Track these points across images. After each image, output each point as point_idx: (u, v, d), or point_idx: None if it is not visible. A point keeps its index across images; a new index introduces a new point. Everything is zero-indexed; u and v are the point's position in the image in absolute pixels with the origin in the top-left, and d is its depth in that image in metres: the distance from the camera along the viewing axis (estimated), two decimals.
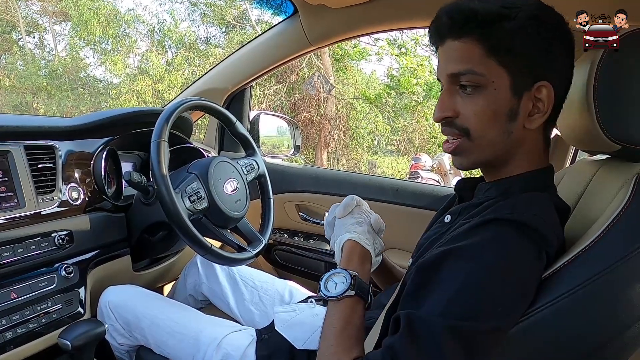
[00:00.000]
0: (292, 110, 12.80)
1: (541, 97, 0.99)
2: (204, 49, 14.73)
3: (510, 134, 1.01)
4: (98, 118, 1.80)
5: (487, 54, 0.97)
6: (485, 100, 0.99)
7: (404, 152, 14.29)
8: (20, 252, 1.44)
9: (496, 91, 0.98)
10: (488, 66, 0.98)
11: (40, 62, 16.11)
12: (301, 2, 2.03)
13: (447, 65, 1.03)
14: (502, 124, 1.01)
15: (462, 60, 1.00)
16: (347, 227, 1.28)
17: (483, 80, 0.98)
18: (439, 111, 1.04)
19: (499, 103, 0.99)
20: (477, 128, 1.01)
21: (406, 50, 12.59)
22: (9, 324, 1.39)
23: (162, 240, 1.85)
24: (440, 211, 1.31)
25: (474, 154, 1.05)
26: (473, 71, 0.98)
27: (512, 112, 1.00)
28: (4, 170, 1.46)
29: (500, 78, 0.98)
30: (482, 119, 1.00)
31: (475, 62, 0.98)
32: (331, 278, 1.12)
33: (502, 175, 1.08)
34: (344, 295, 1.08)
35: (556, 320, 0.88)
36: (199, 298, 1.97)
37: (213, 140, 2.63)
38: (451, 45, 1.01)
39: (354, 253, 1.21)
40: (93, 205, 1.71)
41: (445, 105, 1.03)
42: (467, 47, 0.99)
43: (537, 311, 0.89)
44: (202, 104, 1.75)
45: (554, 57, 0.99)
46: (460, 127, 1.03)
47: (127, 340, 1.65)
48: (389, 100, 13.38)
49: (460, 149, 1.05)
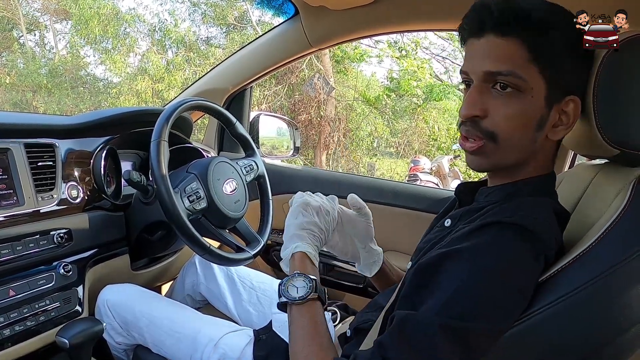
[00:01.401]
0: (291, 111, 12.79)
1: (568, 110, 1.00)
2: (205, 49, 14.71)
3: (534, 143, 1.01)
4: (98, 117, 1.81)
5: (530, 59, 0.96)
6: (520, 105, 0.97)
7: (403, 155, 14.28)
8: (19, 249, 1.44)
9: (533, 98, 0.97)
10: (530, 72, 0.96)
11: (40, 60, 16.08)
12: (302, 3, 2.03)
13: (485, 62, 0.99)
14: (530, 132, 1.00)
15: (505, 59, 0.96)
16: (296, 235, 1.28)
17: (523, 85, 0.96)
18: (467, 107, 1.01)
19: (532, 110, 0.98)
20: (505, 132, 0.99)
21: (407, 52, 12.58)
22: (7, 322, 1.39)
23: (160, 239, 1.85)
24: (440, 214, 1.31)
25: (496, 157, 1.03)
26: (516, 73, 0.96)
27: (541, 121, 0.99)
28: (3, 168, 1.46)
29: (538, 86, 0.97)
30: (512, 124, 0.98)
31: (519, 64, 0.96)
32: (291, 283, 1.13)
33: (509, 180, 1.08)
34: (308, 297, 1.10)
35: (554, 323, 0.88)
36: (197, 298, 1.97)
37: (213, 140, 2.63)
38: (493, 41, 0.97)
39: (305, 261, 1.21)
40: (92, 204, 1.71)
41: (475, 103, 1.00)
42: (512, 47, 0.96)
43: (535, 314, 0.90)
44: (202, 104, 1.76)
45: (584, 72, 0.99)
46: (486, 130, 1.00)
47: (125, 339, 1.65)
48: (389, 102, 13.37)
49: (482, 150, 1.03)
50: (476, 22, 0.99)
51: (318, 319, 1.09)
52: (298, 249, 1.22)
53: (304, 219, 1.30)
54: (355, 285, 2.23)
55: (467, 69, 1.03)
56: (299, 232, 1.27)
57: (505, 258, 0.90)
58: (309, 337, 1.06)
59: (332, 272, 2.29)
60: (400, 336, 0.90)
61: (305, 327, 1.08)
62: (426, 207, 2.14)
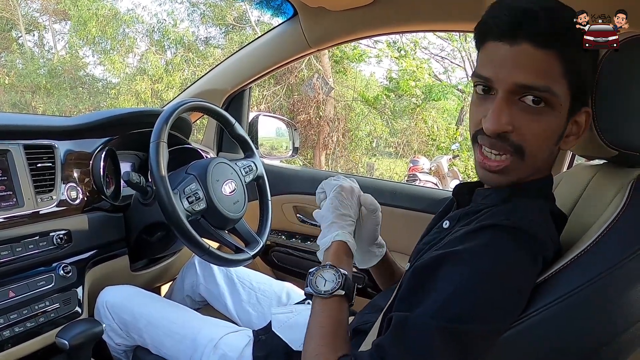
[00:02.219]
0: (290, 111, 12.78)
1: (580, 120, 0.99)
2: (204, 49, 14.70)
3: (552, 154, 1.02)
4: (97, 118, 1.81)
5: (563, 73, 0.92)
6: (549, 122, 0.95)
7: (402, 155, 14.28)
8: (18, 251, 1.44)
9: (560, 114, 0.95)
10: (562, 87, 0.93)
11: (39, 61, 16.08)
12: (301, 4, 2.03)
13: (518, 72, 0.92)
14: (553, 146, 1.00)
15: (542, 73, 0.91)
16: (335, 223, 1.24)
17: (556, 101, 0.93)
18: (497, 123, 0.94)
19: (558, 126, 0.97)
20: (532, 147, 0.96)
21: (405, 52, 12.58)
22: (6, 323, 1.39)
23: (160, 240, 1.86)
24: (438, 216, 1.30)
25: (519, 173, 1.00)
26: (551, 90, 0.92)
27: (562, 134, 0.99)
28: (3, 169, 1.46)
29: (566, 101, 0.95)
30: (540, 140, 0.96)
31: (554, 80, 0.92)
32: (320, 274, 1.10)
33: (507, 183, 1.06)
34: (334, 293, 1.07)
35: (552, 324, 0.89)
36: (196, 299, 1.97)
37: (212, 141, 2.63)
38: (529, 51, 0.91)
39: (341, 252, 1.18)
40: (91, 205, 1.71)
41: (505, 118, 0.94)
42: (550, 62, 0.91)
43: (534, 315, 0.90)
44: (202, 105, 1.76)
45: (593, 81, 0.99)
46: (515, 144, 0.96)
47: (125, 340, 1.65)
48: (388, 102, 13.37)
49: (507, 168, 0.99)
50: (512, 26, 0.92)
51: (339, 317, 1.07)
52: (338, 237, 1.20)
53: (341, 206, 1.27)
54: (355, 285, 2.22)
55: (491, 76, 0.95)
56: (338, 221, 1.25)
57: (502, 260, 0.90)
58: (325, 335, 1.03)
59: None
60: (398, 338, 0.89)
61: (324, 325, 1.05)
62: (425, 207, 2.14)
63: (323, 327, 1.04)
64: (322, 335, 1.03)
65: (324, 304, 1.08)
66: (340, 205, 1.27)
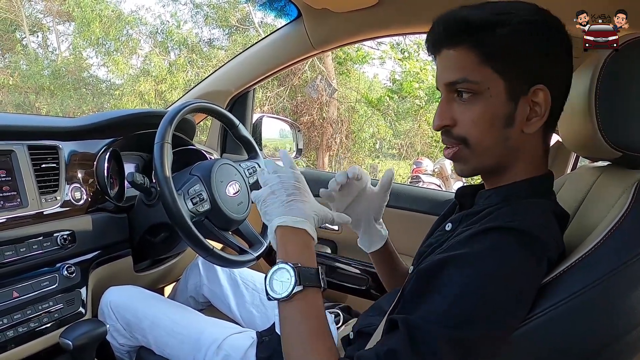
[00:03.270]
0: (294, 113, 12.81)
1: (538, 100, 0.99)
2: (207, 50, 14.74)
3: (508, 140, 1.02)
4: (102, 119, 1.81)
5: (481, 61, 0.98)
6: (482, 107, 1.00)
7: (406, 156, 14.30)
8: (22, 251, 1.45)
9: (492, 97, 0.99)
10: (482, 73, 0.98)
11: (43, 62, 16.14)
12: (305, 6, 2.03)
13: (444, 74, 1.03)
14: (499, 130, 1.01)
15: (457, 68, 1.00)
16: (275, 207, 1.11)
17: (478, 88, 0.99)
18: (437, 120, 1.05)
19: (496, 109, 0.99)
20: (474, 136, 1.02)
21: (409, 54, 12.60)
22: (10, 323, 1.39)
23: (163, 241, 1.86)
24: (441, 218, 1.31)
25: (472, 161, 1.05)
26: (467, 79, 0.99)
27: (509, 117, 1.00)
28: (7, 170, 1.46)
29: (495, 84, 0.98)
30: (479, 126, 1.01)
31: (470, 70, 0.99)
32: (274, 277, 1.00)
33: (502, 182, 1.08)
34: (293, 292, 0.98)
35: (555, 326, 0.89)
36: (199, 299, 1.98)
37: (216, 142, 2.64)
38: (446, 54, 1.02)
39: (287, 241, 1.07)
40: (95, 205, 1.72)
41: (444, 114, 1.04)
42: (462, 56, 1.00)
43: (537, 316, 0.90)
44: (205, 106, 1.76)
45: (550, 60, 0.99)
46: (458, 136, 1.03)
47: (128, 340, 1.66)
48: (391, 104, 13.39)
49: (458, 156, 1.06)
50: (432, 42, 1.05)
51: (312, 313, 0.99)
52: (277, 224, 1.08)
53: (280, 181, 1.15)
54: (358, 287, 2.23)
55: (437, 84, 1.08)
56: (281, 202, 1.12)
57: (506, 263, 0.90)
58: (306, 342, 0.96)
59: (334, 274, 2.29)
60: (407, 343, 0.88)
61: (299, 330, 0.97)
62: (428, 209, 2.14)
63: (302, 332, 0.97)
64: (305, 340, 0.96)
65: (291, 307, 0.99)
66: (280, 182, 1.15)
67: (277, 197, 1.11)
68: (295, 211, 1.09)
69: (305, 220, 1.08)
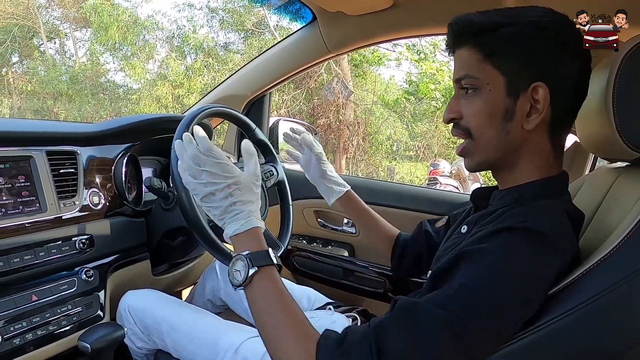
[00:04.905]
0: (310, 115, 12.81)
1: (538, 97, 1.01)
2: (223, 54, 14.80)
3: (508, 134, 1.05)
4: (119, 124, 1.82)
5: (482, 59, 1.05)
6: (482, 101, 1.05)
7: (423, 158, 14.25)
8: (41, 255, 1.46)
9: (491, 92, 1.04)
10: (483, 70, 1.05)
11: (61, 68, 16.29)
12: (319, 9, 2.04)
13: (454, 72, 1.12)
14: (499, 124, 1.05)
15: (462, 66, 1.09)
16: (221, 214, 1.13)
17: (478, 83, 1.05)
18: (446, 113, 1.13)
19: (495, 103, 1.04)
20: (476, 128, 1.08)
21: (425, 55, 12.55)
22: (29, 326, 1.41)
23: (181, 245, 1.86)
24: (458, 222, 1.31)
25: (477, 154, 1.11)
26: (469, 75, 1.06)
27: (508, 112, 1.04)
28: (26, 175, 1.48)
29: (494, 80, 1.04)
30: (480, 119, 1.06)
31: (472, 66, 1.06)
32: (233, 270, 1.07)
33: (514, 182, 1.10)
34: (250, 276, 1.03)
35: (573, 331, 0.88)
36: (217, 303, 1.98)
37: (232, 146, 2.64)
38: (457, 54, 1.10)
39: (240, 240, 1.11)
40: (113, 210, 1.73)
41: (452, 108, 1.11)
42: (466, 54, 1.07)
43: (554, 321, 0.89)
44: (222, 110, 1.76)
45: (552, 59, 1.01)
46: (463, 127, 1.10)
47: (146, 344, 1.66)
48: (408, 105, 13.36)
49: (465, 150, 1.12)
50: (447, 43, 1.14)
51: (276, 289, 1.04)
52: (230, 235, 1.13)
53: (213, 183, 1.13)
54: (375, 290, 2.23)
55: None
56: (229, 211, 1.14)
57: (515, 261, 0.91)
58: (275, 315, 1.01)
59: (351, 277, 2.29)
60: (400, 321, 0.91)
61: (271, 309, 1.02)
62: (445, 211, 2.13)
63: (272, 311, 1.02)
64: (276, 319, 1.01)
65: (254, 290, 1.04)
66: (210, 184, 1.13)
67: (218, 200, 1.12)
68: (242, 215, 1.12)
69: (251, 218, 1.13)
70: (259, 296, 1.04)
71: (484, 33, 1.05)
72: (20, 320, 1.39)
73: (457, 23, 1.09)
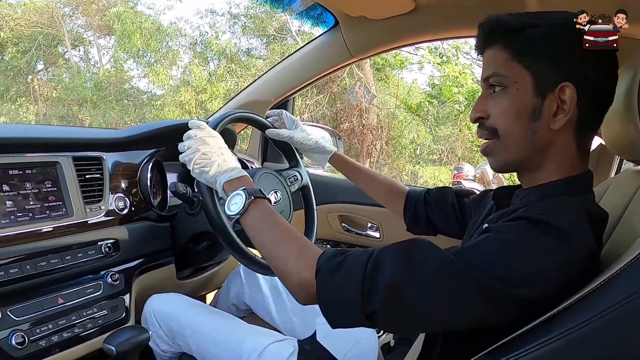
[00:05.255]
0: (334, 120, 12.81)
1: (565, 97, 1.00)
2: (246, 60, 14.86)
3: (535, 133, 1.04)
4: (144, 130, 1.84)
5: (511, 58, 1.05)
6: (509, 100, 1.05)
7: (447, 162, 14.18)
8: (67, 259, 1.48)
9: (519, 91, 1.04)
10: (511, 68, 1.05)
11: (85, 75, 16.45)
12: (342, 14, 2.04)
13: (482, 71, 1.11)
14: (526, 123, 1.04)
15: (490, 65, 1.08)
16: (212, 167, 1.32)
17: (506, 81, 1.05)
18: (472, 112, 1.13)
19: (522, 102, 1.04)
20: (502, 126, 1.07)
21: (447, 58, 12.49)
22: (55, 328, 1.42)
23: (206, 249, 1.87)
24: (480, 220, 1.30)
25: (502, 153, 1.10)
26: (497, 73, 1.06)
27: (535, 111, 1.03)
28: (53, 181, 1.50)
29: (522, 79, 1.04)
30: (506, 118, 1.06)
31: (500, 65, 1.06)
32: (229, 203, 1.21)
33: (538, 182, 1.09)
34: (246, 203, 1.18)
35: (600, 336, 0.86)
36: (241, 307, 1.99)
37: (256, 151, 2.66)
38: (486, 53, 1.10)
39: (232, 185, 1.27)
40: (139, 214, 1.74)
41: (479, 107, 1.11)
42: (495, 53, 1.08)
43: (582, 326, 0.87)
44: (246, 116, 1.77)
45: (579, 60, 1.00)
46: (490, 127, 1.09)
47: (170, 347, 1.67)
48: (431, 109, 13.30)
49: (490, 149, 1.12)
50: (476, 44, 1.14)
51: (274, 216, 1.17)
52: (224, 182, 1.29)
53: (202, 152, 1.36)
54: None
55: None
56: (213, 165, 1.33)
57: (526, 242, 0.91)
58: (275, 234, 1.14)
59: None
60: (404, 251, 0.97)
61: (263, 228, 1.16)
62: None
63: (272, 230, 1.15)
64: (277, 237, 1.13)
65: (249, 217, 1.18)
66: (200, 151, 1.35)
67: (207, 157, 1.34)
68: (231, 164, 1.33)
69: (240, 169, 1.32)
70: (257, 220, 1.18)
71: (513, 32, 1.05)
72: (46, 323, 1.41)
73: (487, 23, 1.09)
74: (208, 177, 1.32)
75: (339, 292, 0.97)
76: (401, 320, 0.95)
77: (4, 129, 1.74)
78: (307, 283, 1.01)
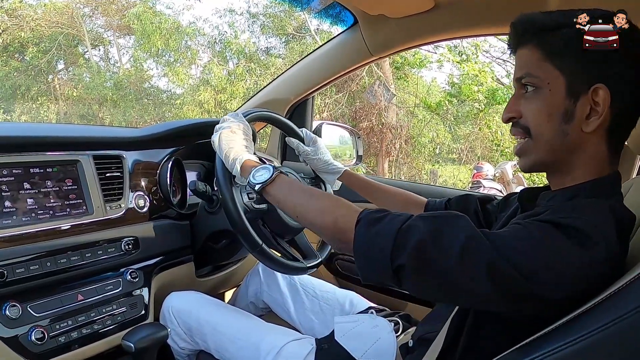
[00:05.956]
0: (353, 119, 12.79)
1: (598, 100, 0.99)
2: (265, 59, 14.88)
3: (567, 135, 1.03)
4: (164, 129, 1.86)
5: (544, 58, 1.04)
6: (542, 101, 1.04)
7: (466, 161, 14.10)
8: (88, 256, 1.50)
9: (551, 92, 1.03)
10: (544, 69, 1.04)
11: (105, 74, 16.57)
12: (361, 12, 2.03)
13: (515, 71, 1.10)
14: (558, 124, 1.04)
15: (523, 65, 1.07)
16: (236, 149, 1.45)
17: (539, 82, 1.04)
18: (505, 112, 1.12)
19: (554, 103, 1.03)
20: (535, 125, 1.06)
21: (467, 56, 12.39)
22: (74, 325, 1.44)
23: (225, 247, 1.88)
24: (503, 222, 1.29)
25: (534, 154, 1.09)
26: (530, 74, 1.05)
27: (568, 113, 1.02)
28: (73, 179, 1.52)
29: (555, 80, 1.03)
30: (539, 118, 1.05)
31: (533, 65, 1.05)
32: (255, 174, 1.32)
33: (567, 184, 1.08)
34: (274, 174, 1.30)
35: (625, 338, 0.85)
36: (259, 305, 1.99)
37: (276, 150, 2.65)
38: (518, 53, 1.09)
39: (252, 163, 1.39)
40: (158, 213, 1.76)
41: (511, 107, 1.10)
42: (528, 53, 1.06)
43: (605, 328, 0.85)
44: (265, 115, 1.77)
45: (613, 62, 0.99)
46: (523, 126, 1.08)
47: (188, 344, 1.68)
48: (450, 108, 13.21)
49: (523, 150, 1.11)
50: (509, 43, 1.13)
51: (295, 182, 1.33)
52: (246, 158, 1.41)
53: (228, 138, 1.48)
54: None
55: None
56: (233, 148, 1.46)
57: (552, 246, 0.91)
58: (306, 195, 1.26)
59: None
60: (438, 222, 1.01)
61: (294, 193, 1.28)
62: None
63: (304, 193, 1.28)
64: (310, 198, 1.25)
65: (276, 185, 1.30)
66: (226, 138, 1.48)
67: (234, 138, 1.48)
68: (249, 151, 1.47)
69: None
70: (286, 186, 1.30)
71: (546, 32, 1.04)
72: (66, 319, 1.43)
73: (519, 22, 1.09)
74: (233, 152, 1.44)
75: (373, 243, 1.03)
76: (423, 280, 0.99)
77: (25, 128, 1.77)
78: (346, 231, 1.10)
